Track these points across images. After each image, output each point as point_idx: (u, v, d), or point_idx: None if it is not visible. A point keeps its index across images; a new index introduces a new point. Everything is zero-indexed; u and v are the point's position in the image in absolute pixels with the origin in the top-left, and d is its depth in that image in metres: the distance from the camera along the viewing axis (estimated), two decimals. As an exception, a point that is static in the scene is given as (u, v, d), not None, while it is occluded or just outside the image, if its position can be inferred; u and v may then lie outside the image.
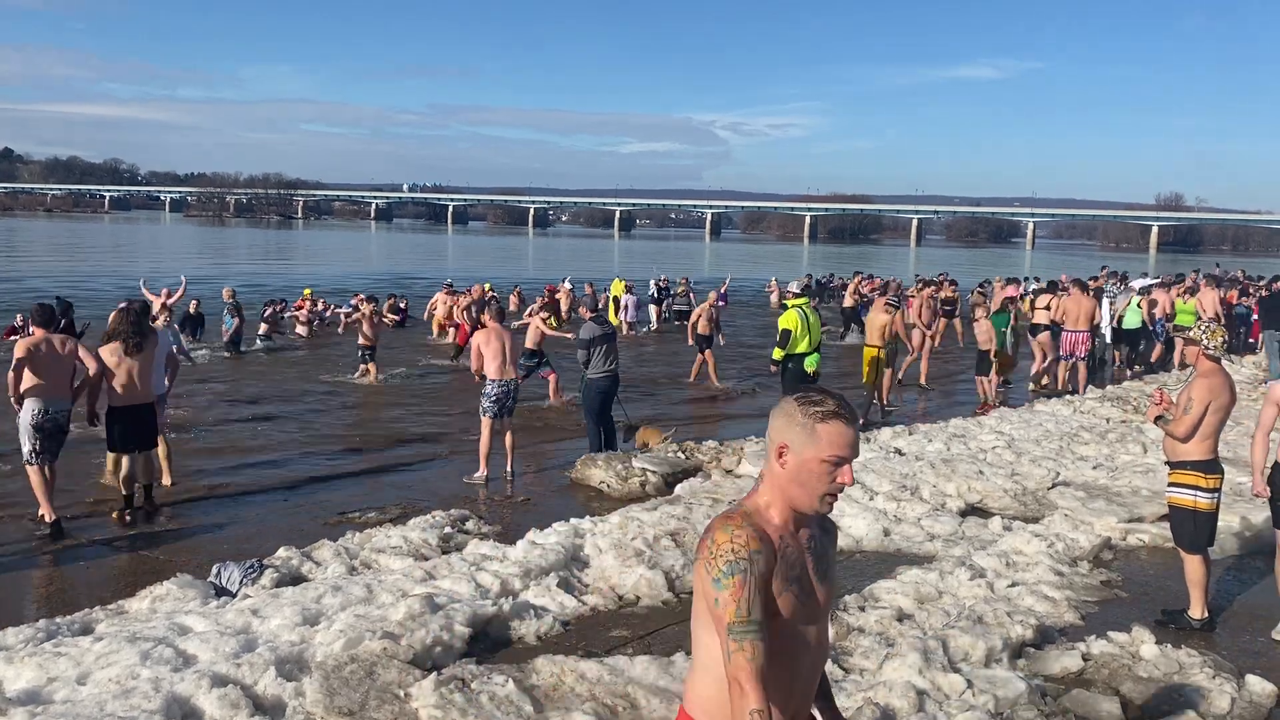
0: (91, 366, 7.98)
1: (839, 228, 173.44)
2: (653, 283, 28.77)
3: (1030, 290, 20.72)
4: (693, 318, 16.99)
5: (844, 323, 22.89)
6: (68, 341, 8.04)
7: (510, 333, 10.21)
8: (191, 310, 19.37)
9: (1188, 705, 4.69)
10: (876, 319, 13.37)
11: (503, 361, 9.62)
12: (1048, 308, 16.02)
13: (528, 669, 4.76)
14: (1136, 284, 20.63)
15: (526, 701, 4.44)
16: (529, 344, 14.40)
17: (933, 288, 20.01)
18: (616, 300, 24.96)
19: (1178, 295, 19.38)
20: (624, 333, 22.38)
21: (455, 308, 20.47)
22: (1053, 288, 16.87)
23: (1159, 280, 23.13)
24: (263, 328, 20.33)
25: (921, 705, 4.54)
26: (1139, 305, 17.75)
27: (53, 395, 7.77)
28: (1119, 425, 11.50)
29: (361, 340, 15.78)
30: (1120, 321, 17.54)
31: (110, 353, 8.11)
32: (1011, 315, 14.99)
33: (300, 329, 21.74)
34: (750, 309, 31.17)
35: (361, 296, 18.95)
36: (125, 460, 8.17)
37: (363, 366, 15.72)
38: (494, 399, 9.64)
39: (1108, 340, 17.63)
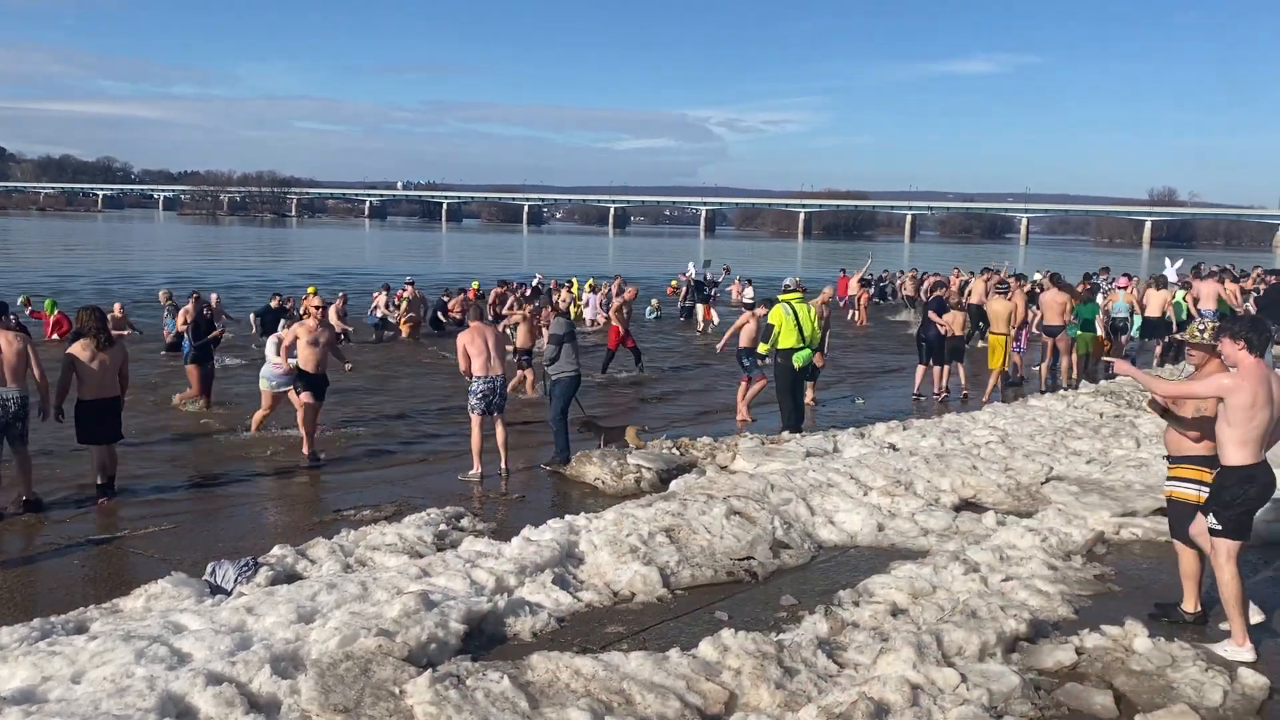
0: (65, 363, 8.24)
1: (833, 224, 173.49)
2: (690, 269, 26.99)
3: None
4: None
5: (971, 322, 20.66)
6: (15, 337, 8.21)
7: (494, 330, 10.26)
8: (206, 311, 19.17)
9: (1181, 698, 4.71)
10: (1000, 307, 14.44)
11: (487, 358, 9.64)
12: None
13: (523, 665, 4.76)
14: (1170, 274, 20.47)
15: (522, 698, 4.45)
16: (520, 343, 14.53)
17: (1091, 281, 17.78)
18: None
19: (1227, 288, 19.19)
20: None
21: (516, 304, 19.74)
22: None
23: (1181, 266, 23.05)
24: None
25: (915, 700, 4.55)
26: (1184, 299, 17.69)
27: None
28: (1112, 420, 11.53)
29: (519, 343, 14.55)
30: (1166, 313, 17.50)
31: (82, 349, 8.39)
32: (1099, 306, 15.59)
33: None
34: (734, 308, 31.05)
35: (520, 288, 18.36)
36: (94, 451, 8.52)
37: (519, 373, 14.35)
38: (480, 395, 9.65)
39: (1134, 334, 17.67)
